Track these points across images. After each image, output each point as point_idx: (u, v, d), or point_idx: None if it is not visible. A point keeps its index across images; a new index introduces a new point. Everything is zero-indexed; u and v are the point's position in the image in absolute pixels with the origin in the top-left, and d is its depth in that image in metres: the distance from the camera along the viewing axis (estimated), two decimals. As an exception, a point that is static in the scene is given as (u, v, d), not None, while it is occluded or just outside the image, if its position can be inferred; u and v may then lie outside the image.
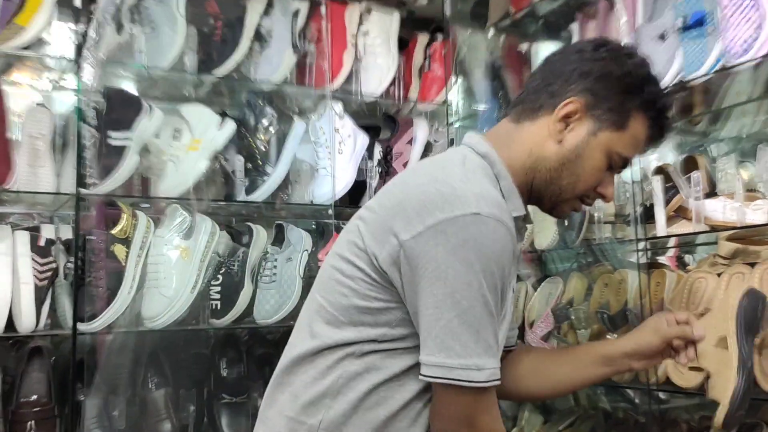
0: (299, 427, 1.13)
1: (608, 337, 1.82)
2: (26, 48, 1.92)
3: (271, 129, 2.12)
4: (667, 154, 2.17)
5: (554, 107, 1.19)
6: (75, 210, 1.87)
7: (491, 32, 2.36)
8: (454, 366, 1.03)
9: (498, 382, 1.07)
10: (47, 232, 1.94)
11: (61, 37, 2.05)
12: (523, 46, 2.27)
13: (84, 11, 1.93)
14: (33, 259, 1.85)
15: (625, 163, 1.23)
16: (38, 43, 1.95)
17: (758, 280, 1.57)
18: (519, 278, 2.23)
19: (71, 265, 1.89)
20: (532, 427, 2.16)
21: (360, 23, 2.34)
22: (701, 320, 1.43)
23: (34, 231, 1.91)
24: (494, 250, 1.03)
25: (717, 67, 1.63)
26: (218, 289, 1.98)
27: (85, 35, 1.91)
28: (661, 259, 2.08)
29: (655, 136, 1.24)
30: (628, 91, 1.18)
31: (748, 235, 1.70)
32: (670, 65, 1.72)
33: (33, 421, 1.74)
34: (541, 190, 1.21)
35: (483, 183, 1.11)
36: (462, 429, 1.07)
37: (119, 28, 1.98)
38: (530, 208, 1.84)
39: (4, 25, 1.86)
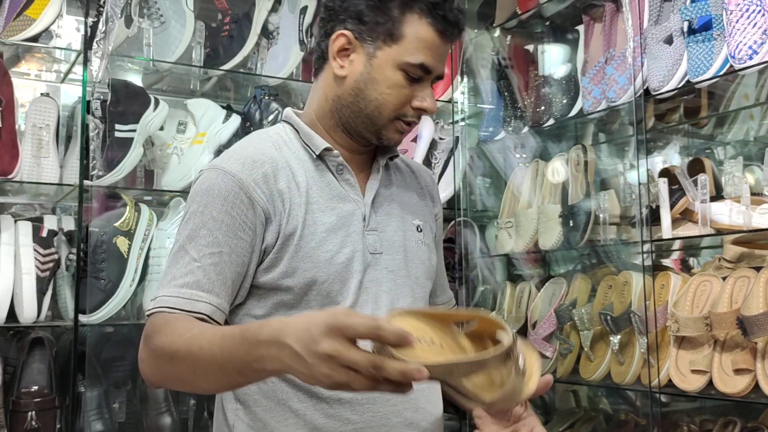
0: None
1: (610, 338, 1.82)
2: (35, 40, 1.92)
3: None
4: (673, 156, 2.18)
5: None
6: (78, 201, 1.87)
7: (497, 32, 2.36)
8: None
9: (169, 310, 1.08)
10: (50, 223, 1.94)
11: (70, 29, 2.05)
12: (530, 47, 2.27)
13: (93, 4, 1.94)
14: (35, 250, 1.85)
15: (426, 69, 1.19)
16: (47, 34, 1.95)
17: (764, 284, 1.57)
18: (522, 278, 2.23)
19: (73, 257, 1.88)
20: (532, 427, 2.15)
21: (367, 21, 2.34)
22: None
23: (37, 222, 1.91)
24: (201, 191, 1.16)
25: (723, 71, 1.63)
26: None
27: (94, 28, 1.92)
28: (666, 262, 2.08)
29: (443, 29, 1.19)
30: (382, 1, 1.18)
31: (754, 238, 1.70)
32: (677, 68, 1.72)
33: (33, 412, 1.74)
34: (353, 125, 1.23)
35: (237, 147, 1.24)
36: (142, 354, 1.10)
37: (128, 21, 1.98)
38: (534, 209, 1.84)
39: (14, 17, 1.87)
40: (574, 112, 2.04)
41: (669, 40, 1.75)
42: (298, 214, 1.17)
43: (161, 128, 2.02)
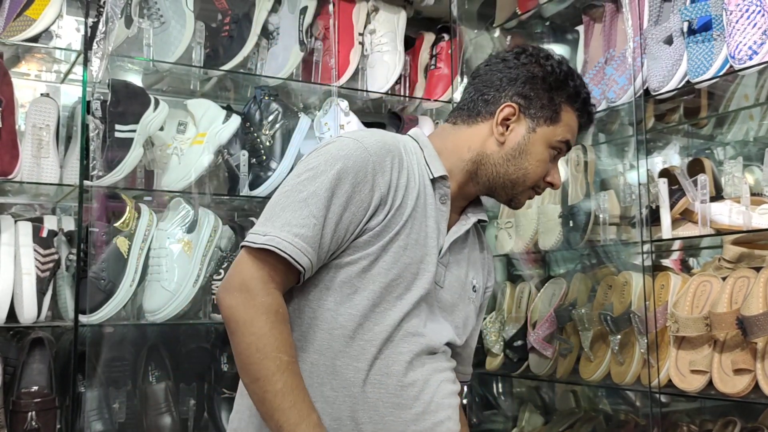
0: None
1: (610, 339, 1.83)
2: (35, 40, 1.92)
3: (276, 125, 2.12)
4: (673, 156, 2.18)
5: (491, 113, 1.34)
6: (78, 201, 1.87)
7: (497, 32, 2.36)
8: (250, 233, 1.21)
9: (280, 252, 1.16)
10: (50, 223, 1.94)
11: (70, 29, 2.05)
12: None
13: (93, 4, 1.94)
14: (35, 250, 1.85)
15: (568, 145, 1.38)
16: (47, 35, 1.95)
17: (763, 285, 1.57)
18: (522, 278, 2.23)
19: (73, 257, 1.88)
20: (532, 427, 2.16)
21: (367, 21, 2.35)
22: None
23: (37, 222, 1.91)
24: (340, 156, 1.23)
25: (723, 71, 1.64)
26: (220, 283, 1.98)
27: (94, 28, 1.92)
28: (665, 262, 2.08)
29: (585, 122, 1.40)
30: (554, 88, 1.34)
31: (753, 239, 1.71)
32: (677, 68, 1.72)
33: (33, 412, 1.74)
34: (492, 184, 1.36)
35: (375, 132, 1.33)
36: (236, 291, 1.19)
37: (128, 21, 1.98)
38: (534, 209, 1.88)
39: (14, 17, 1.87)
40: (573, 113, 2.03)
41: (669, 41, 1.75)
42: (404, 213, 1.26)
43: (161, 128, 2.02)
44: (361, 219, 1.22)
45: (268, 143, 2.10)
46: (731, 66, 1.61)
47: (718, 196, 1.80)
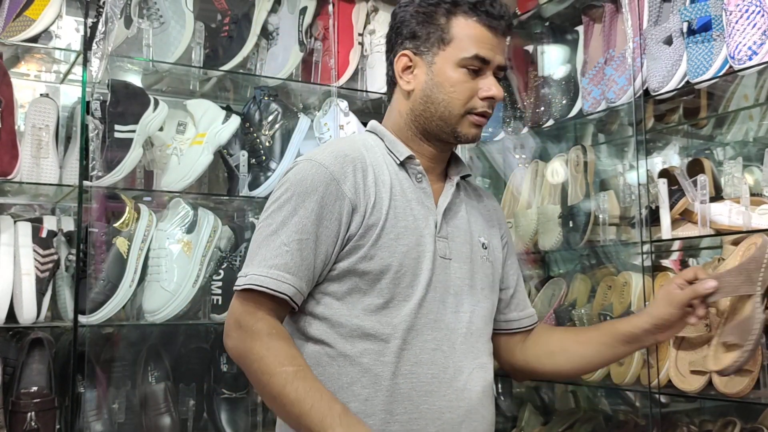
0: None
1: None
2: (35, 40, 1.92)
3: (276, 125, 2.12)
4: (672, 157, 2.17)
5: (396, 72, 1.37)
6: (78, 202, 1.87)
7: (497, 33, 2.36)
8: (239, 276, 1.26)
9: (258, 287, 1.21)
10: (49, 223, 1.94)
11: (70, 30, 2.05)
12: (529, 48, 2.27)
13: (93, 5, 1.94)
14: (34, 251, 1.85)
15: (483, 60, 1.31)
16: (47, 35, 1.95)
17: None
18: (523, 279, 2.23)
19: (73, 257, 1.88)
20: (531, 427, 2.16)
21: (367, 22, 2.35)
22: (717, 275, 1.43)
23: (36, 222, 1.91)
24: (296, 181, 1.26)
25: (723, 72, 1.63)
26: (219, 284, 1.98)
27: (93, 29, 1.92)
28: (665, 263, 2.07)
29: (488, 23, 1.31)
30: (431, 13, 1.32)
31: (753, 239, 1.70)
32: (676, 69, 1.72)
33: (33, 412, 1.74)
34: (430, 130, 1.35)
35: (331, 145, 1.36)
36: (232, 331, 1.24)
37: (128, 22, 1.98)
38: (534, 209, 1.88)
39: (14, 17, 1.87)
40: (573, 113, 2.04)
41: (668, 41, 1.75)
42: (382, 207, 1.28)
43: (161, 129, 2.02)
44: (338, 230, 1.25)
45: (267, 143, 2.10)
46: (731, 66, 1.61)
47: (717, 196, 1.80)
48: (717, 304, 1.47)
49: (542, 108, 2.10)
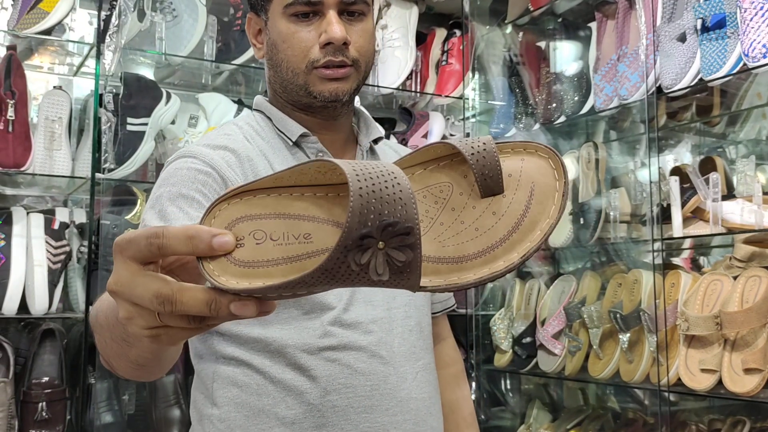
0: None
1: (619, 336, 1.82)
2: (48, 33, 1.93)
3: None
4: (684, 154, 2.17)
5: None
6: (90, 194, 1.88)
7: (509, 29, 2.36)
8: None
9: None
10: (61, 215, 1.95)
11: (83, 22, 2.06)
12: (541, 44, 2.27)
13: (106, -2, 1.95)
14: (47, 242, 1.86)
15: (310, 2, 1.09)
16: (60, 28, 1.96)
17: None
18: (532, 275, 2.23)
19: (84, 249, 1.89)
20: (540, 424, 2.16)
21: (379, 17, 2.35)
22: None
23: (49, 214, 1.92)
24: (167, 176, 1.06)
25: (736, 70, 1.63)
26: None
27: (107, 21, 1.93)
28: (676, 261, 2.07)
29: None
30: None
31: (765, 238, 1.70)
32: (690, 66, 1.71)
33: (44, 402, 1.76)
34: (294, 98, 1.14)
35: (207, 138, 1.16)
36: None
37: (141, 15, 1.99)
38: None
39: (28, 10, 1.88)
40: (585, 110, 2.03)
41: (682, 38, 1.74)
42: None
43: (173, 122, 2.02)
44: None
45: (278, 138, 2.10)
46: (744, 64, 1.60)
47: (729, 194, 1.80)
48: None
49: (554, 104, 2.09)
